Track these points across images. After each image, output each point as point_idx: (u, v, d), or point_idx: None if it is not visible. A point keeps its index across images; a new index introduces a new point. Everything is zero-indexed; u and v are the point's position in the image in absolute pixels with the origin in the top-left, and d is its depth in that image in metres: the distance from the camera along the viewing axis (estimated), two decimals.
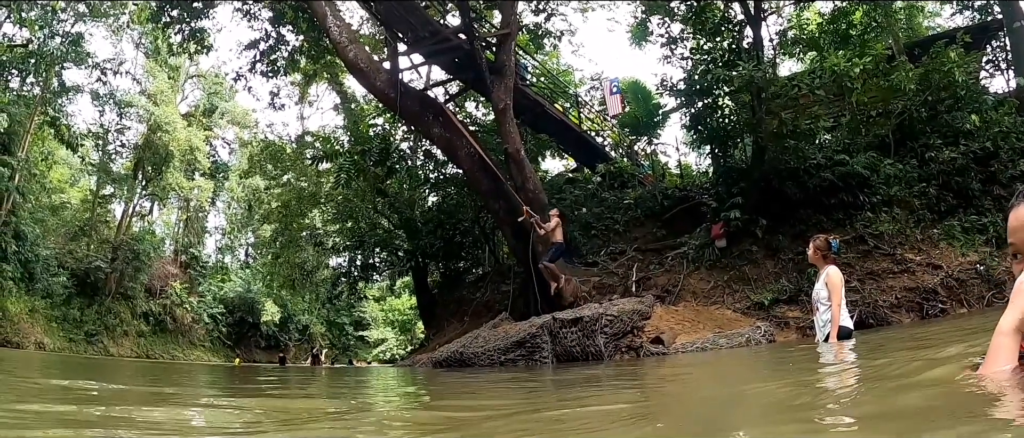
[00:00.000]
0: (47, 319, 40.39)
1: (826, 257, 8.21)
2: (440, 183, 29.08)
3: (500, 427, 3.53)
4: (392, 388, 9.75)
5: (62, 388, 7.21)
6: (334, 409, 5.30)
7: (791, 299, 15.46)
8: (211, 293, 58.28)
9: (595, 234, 22.13)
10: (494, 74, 19.10)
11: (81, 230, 49.73)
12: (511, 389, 7.39)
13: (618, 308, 12.98)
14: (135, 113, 50.68)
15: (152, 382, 10.04)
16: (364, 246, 32.97)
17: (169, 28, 26.72)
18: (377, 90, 20.57)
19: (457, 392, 7.80)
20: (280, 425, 4.00)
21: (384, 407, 5.93)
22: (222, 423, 4.24)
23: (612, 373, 9.17)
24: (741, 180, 18.57)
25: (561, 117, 26.63)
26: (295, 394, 8.31)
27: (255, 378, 13.46)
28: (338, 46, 20.00)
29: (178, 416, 4.52)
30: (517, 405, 5.28)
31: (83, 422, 3.89)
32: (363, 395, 7.82)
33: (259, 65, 27.89)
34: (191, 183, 56.34)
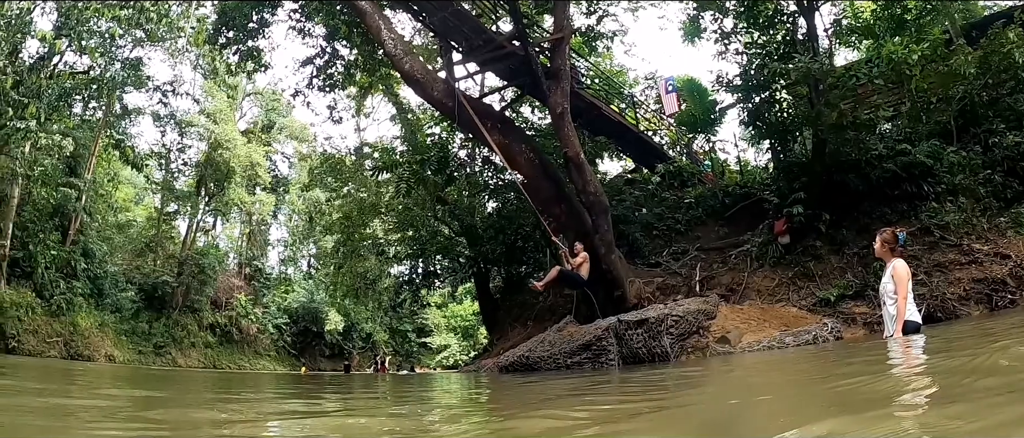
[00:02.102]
0: (116, 332, 41.12)
1: (893, 250, 8.13)
2: (499, 189, 29.15)
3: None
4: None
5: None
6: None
7: (857, 294, 15.20)
8: (275, 304, 59.03)
9: (657, 234, 22.04)
10: (550, 78, 19.05)
11: (147, 246, 51.03)
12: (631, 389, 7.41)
13: (683, 308, 12.97)
14: (196, 132, 51.88)
15: (280, 395, 10.18)
16: (425, 254, 33.18)
17: (226, 49, 27.20)
18: (434, 100, 20.65)
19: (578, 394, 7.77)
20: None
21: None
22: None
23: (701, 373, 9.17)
24: (802, 175, 18.37)
25: (618, 118, 26.62)
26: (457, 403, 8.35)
27: (372, 387, 13.56)
28: (394, 59, 20.10)
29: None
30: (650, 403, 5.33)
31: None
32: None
33: (316, 80, 28.25)
34: (253, 197, 57.18)
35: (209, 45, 28.28)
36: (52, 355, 32.91)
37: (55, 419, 5.27)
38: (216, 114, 51.75)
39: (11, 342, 30.75)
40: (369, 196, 34.03)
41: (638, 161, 30.01)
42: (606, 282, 17.85)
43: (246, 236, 63.10)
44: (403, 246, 34.92)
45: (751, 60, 19.53)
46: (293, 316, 58.91)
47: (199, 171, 52.84)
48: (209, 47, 29.14)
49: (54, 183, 33.92)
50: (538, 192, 20.35)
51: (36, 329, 33.51)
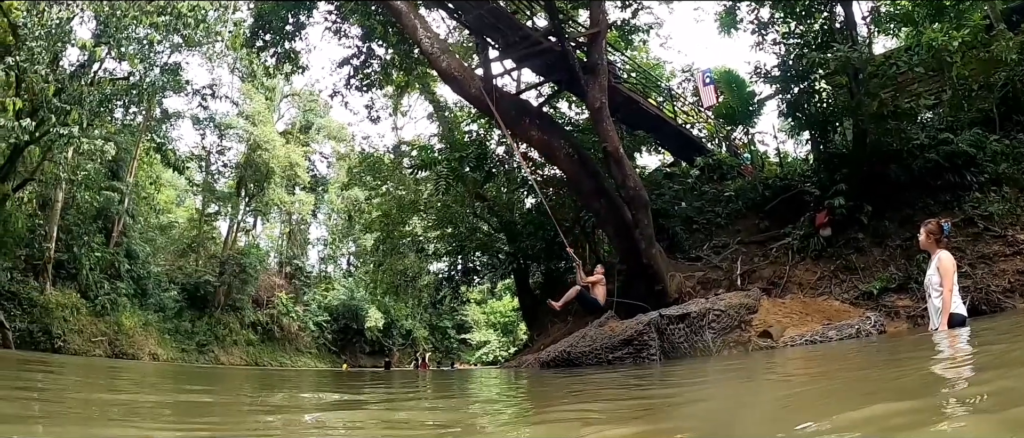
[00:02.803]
0: (160, 331, 41.94)
1: (939, 241, 8.04)
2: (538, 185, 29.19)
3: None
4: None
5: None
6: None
7: (900, 287, 15.00)
8: (316, 302, 59.54)
9: (697, 228, 21.87)
10: (587, 73, 18.98)
11: (189, 247, 52.00)
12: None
13: (725, 302, 12.92)
14: (235, 134, 52.74)
15: (323, 389, 10.25)
16: (465, 250, 33.27)
17: (263, 52, 27.46)
18: (472, 97, 20.66)
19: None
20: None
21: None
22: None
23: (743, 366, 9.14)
24: (843, 166, 18.20)
25: (656, 112, 26.50)
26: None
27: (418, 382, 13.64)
28: (431, 57, 20.15)
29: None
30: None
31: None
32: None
33: (353, 80, 28.43)
34: (292, 197, 57.73)
35: (246, 48, 28.59)
36: (97, 354, 33.53)
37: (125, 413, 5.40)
38: (254, 116, 52.41)
39: (57, 342, 31.33)
40: (408, 194, 34.15)
41: (677, 154, 29.86)
42: (647, 276, 17.83)
43: (286, 235, 63.66)
44: (442, 243, 35.03)
45: (789, 50, 19.37)
46: (333, 314, 59.38)
47: (239, 172, 53.56)
48: (246, 50, 29.47)
49: (97, 187, 34.48)
50: (578, 187, 20.37)
51: (81, 329, 34.19)
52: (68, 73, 24.87)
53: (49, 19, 21.16)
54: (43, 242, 33.82)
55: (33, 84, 22.00)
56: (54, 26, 21.41)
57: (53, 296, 33.53)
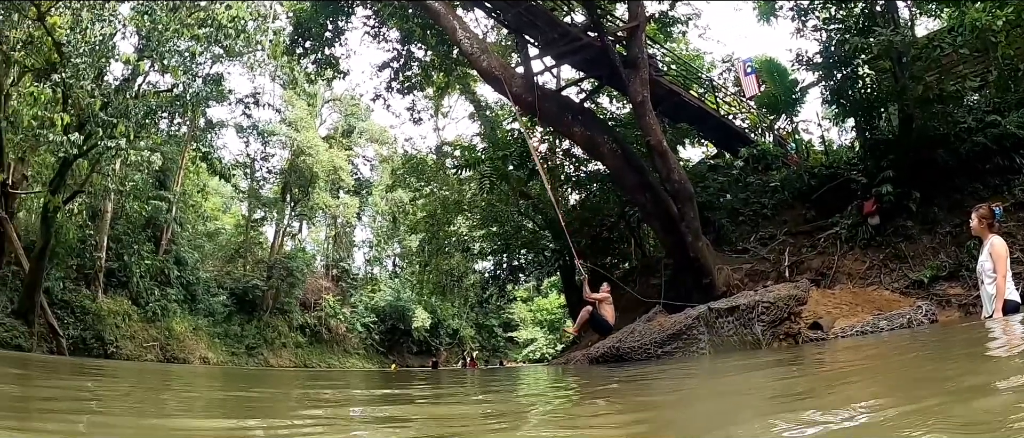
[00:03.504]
0: (210, 336, 42.75)
1: (990, 226, 7.93)
2: (582, 181, 29.12)
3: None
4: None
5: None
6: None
7: (951, 275, 14.79)
8: (363, 303, 59.91)
9: (743, 220, 21.71)
10: (628, 68, 18.86)
11: (237, 252, 52.82)
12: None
13: (773, 294, 12.82)
14: (278, 141, 53.33)
15: (374, 387, 10.35)
16: (510, 248, 33.32)
17: (304, 58, 27.72)
18: (514, 96, 20.67)
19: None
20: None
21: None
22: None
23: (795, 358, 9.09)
24: (889, 152, 17.99)
25: (698, 104, 26.32)
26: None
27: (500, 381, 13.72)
28: (471, 58, 20.18)
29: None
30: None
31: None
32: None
33: (395, 83, 28.60)
34: (336, 201, 58.23)
35: (287, 56, 28.87)
36: (149, 358, 34.24)
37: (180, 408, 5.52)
38: (297, 122, 52.93)
39: (110, 348, 31.99)
40: (452, 194, 34.25)
41: (720, 146, 29.68)
42: (694, 270, 17.74)
43: (332, 239, 64.12)
44: (488, 242, 35.10)
45: (830, 36, 19.15)
46: (380, 315, 59.72)
47: (283, 178, 54.19)
48: (287, 58, 29.77)
49: (145, 197, 34.99)
50: (622, 182, 20.30)
51: (133, 335, 34.93)
52: (113, 87, 25.27)
53: (92, 36, 21.49)
54: (94, 251, 34.56)
55: (79, 99, 22.40)
56: (97, 42, 21.75)
57: (105, 303, 34.26)
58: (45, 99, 21.83)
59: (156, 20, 22.79)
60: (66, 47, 21.54)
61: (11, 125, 25.45)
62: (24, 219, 30.94)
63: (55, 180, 24.90)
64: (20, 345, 24.16)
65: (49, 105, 21.95)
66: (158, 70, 25.70)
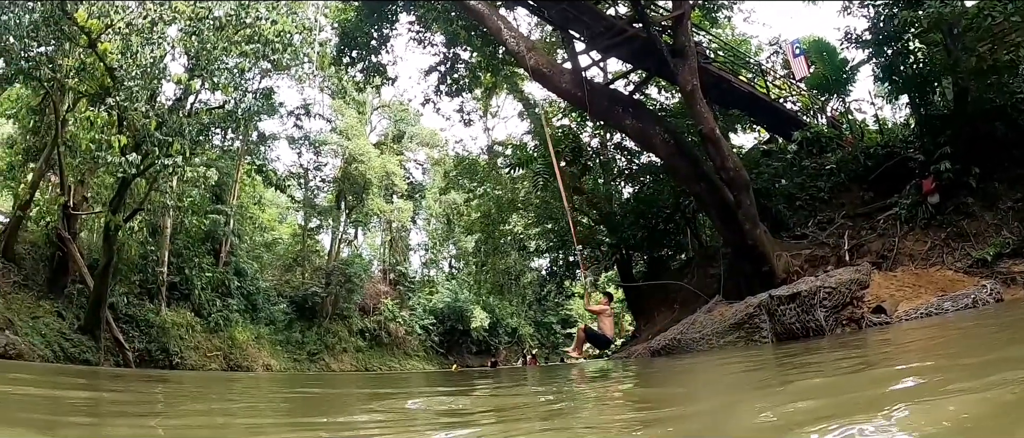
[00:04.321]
0: (272, 343, 43.36)
1: None
2: (634, 173, 29.04)
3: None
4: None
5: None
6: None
7: (1015, 252, 14.45)
8: (421, 306, 60.21)
9: (800, 205, 21.39)
10: (676, 57, 18.64)
11: (295, 261, 53.37)
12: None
13: (835, 280, 12.71)
14: (330, 150, 53.85)
15: (438, 385, 10.48)
16: (566, 244, 33.29)
17: (351, 67, 28.04)
18: (563, 91, 20.72)
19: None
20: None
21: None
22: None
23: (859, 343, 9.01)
24: (946, 127, 17.72)
25: (748, 89, 26.07)
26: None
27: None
28: (518, 56, 20.27)
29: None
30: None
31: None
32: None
33: (443, 86, 28.80)
34: (390, 206, 58.65)
35: (334, 66, 29.22)
36: (213, 368, 34.95)
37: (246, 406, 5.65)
38: (347, 130, 53.48)
39: (174, 358, 32.65)
40: (505, 193, 34.36)
41: (772, 130, 29.33)
42: (753, 258, 17.62)
43: (387, 243, 64.54)
44: (543, 239, 35.13)
45: (878, 11, 18.88)
46: (439, 316, 59.96)
47: (337, 186, 54.72)
48: (334, 68, 30.12)
49: (203, 211, 35.62)
50: (676, 172, 20.24)
51: (197, 345, 35.58)
52: (166, 107, 25.69)
53: (143, 59, 21.89)
54: (156, 266, 35.21)
55: (135, 121, 22.78)
56: (148, 65, 22.15)
57: (169, 316, 34.89)
58: (101, 122, 22.31)
59: (204, 40, 23.14)
60: (118, 71, 21.94)
61: (69, 149, 26.17)
62: (87, 238, 31.67)
63: (115, 200, 25.38)
64: (88, 359, 24.74)
65: (105, 128, 22.42)
66: (209, 88, 26.10)
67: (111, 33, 21.77)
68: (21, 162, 29.86)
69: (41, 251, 29.00)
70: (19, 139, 31.00)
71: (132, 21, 21.98)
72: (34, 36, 21.27)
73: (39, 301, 26.48)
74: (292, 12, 25.52)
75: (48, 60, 22.48)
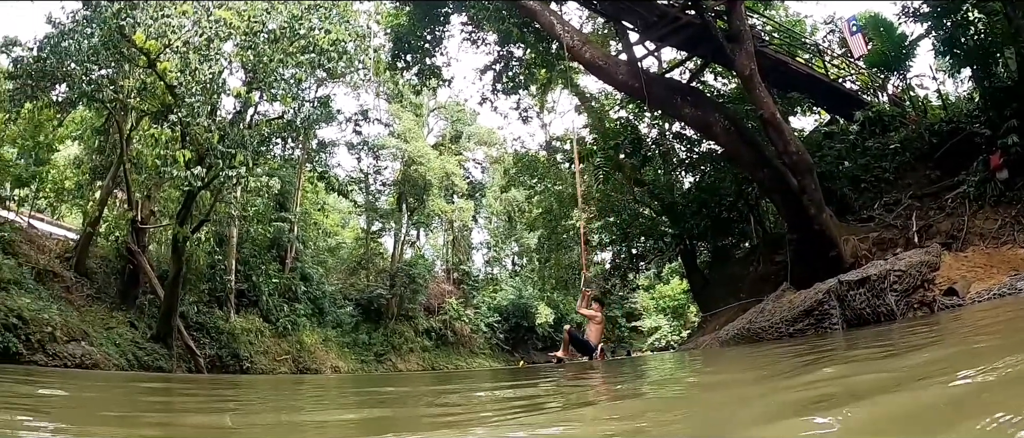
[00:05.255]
0: (339, 345, 44.38)
1: None
2: (695, 162, 28.86)
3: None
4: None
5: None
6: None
7: None
8: (485, 304, 60.54)
9: (865, 187, 20.95)
10: (731, 42, 18.45)
11: (359, 264, 54.47)
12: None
13: (904, 262, 12.51)
14: (389, 153, 54.72)
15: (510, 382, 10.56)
16: (629, 237, 33.16)
17: (406, 71, 28.32)
18: (620, 83, 20.68)
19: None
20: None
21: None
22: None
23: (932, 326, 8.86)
24: (1011, 100, 17.33)
25: (806, 70, 25.74)
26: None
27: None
28: (573, 51, 20.25)
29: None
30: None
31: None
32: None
33: (499, 85, 28.88)
34: (451, 206, 59.26)
35: (389, 71, 29.53)
36: (283, 371, 35.79)
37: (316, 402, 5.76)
38: (405, 133, 54.28)
39: (245, 363, 33.62)
40: (566, 188, 34.37)
41: (833, 112, 28.87)
42: (819, 243, 17.43)
43: (450, 243, 65.01)
44: (606, 233, 35.07)
45: None
46: (503, 313, 60.22)
47: (398, 188, 55.49)
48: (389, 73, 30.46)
49: (267, 219, 36.51)
50: (738, 159, 20.09)
51: (266, 349, 36.55)
52: (227, 120, 26.18)
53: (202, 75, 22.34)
54: (224, 275, 36.23)
55: (197, 136, 23.31)
56: (207, 81, 22.63)
57: (238, 322, 35.91)
58: (165, 139, 22.86)
59: (259, 53, 23.53)
60: (178, 89, 22.44)
61: (135, 166, 26.92)
62: (155, 251, 32.65)
63: (181, 212, 26.03)
64: (161, 366, 25.45)
65: (170, 144, 22.98)
66: (267, 99, 26.56)
67: (169, 52, 22.24)
68: (89, 181, 31.13)
69: (112, 265, 30.01)
70: (85, 159, 32.29)
71: (189, 39, 22.42)
72: (95, 60, 21.88)
73: (112, 312, 27.33)
74: (345, 20, 25.75)
75: (109, 82, 23.08)
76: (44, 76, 22.19)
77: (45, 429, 4.45)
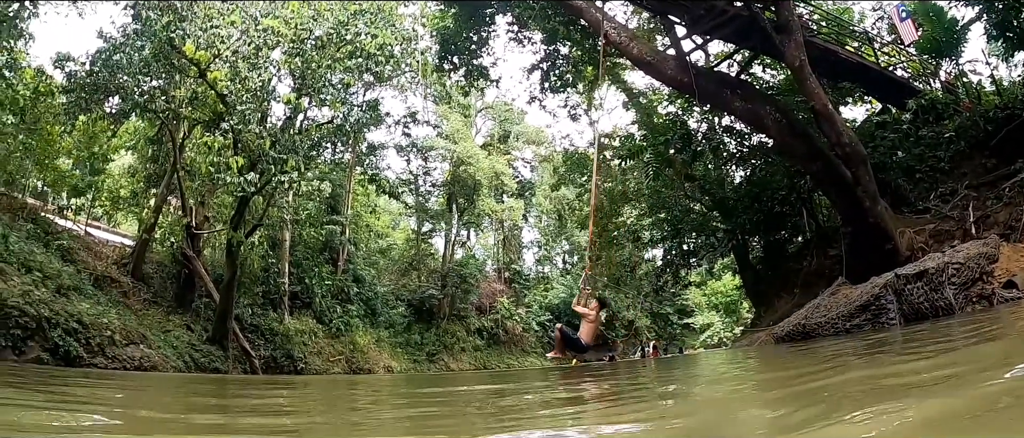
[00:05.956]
0: (392, 346, 45.10)
1: None
2: (745, 156, 28.61)
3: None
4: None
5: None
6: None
7: None
8: (536, 302, 60.77)
9: (920, 177, 20.56)
10: (780, 33, 18.23)
11: (410, 265, 55.32)
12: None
13: (962, 254, 12.30)
14: (437, 154, 55.23)
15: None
16: (680, 233, 32.98)
17: (453, 72, 28.49)
18: (668, 78, 20.60)
19: None
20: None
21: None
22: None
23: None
24: None
25: (857, 59, 25.38)
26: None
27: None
28: (621, 47, 20.22)
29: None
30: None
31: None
32: None
33: (546, 83, 28.90)
34: (501, 205, 59.58)
35: (437, 73, 29.73)
36: (336, 371, 36.42)
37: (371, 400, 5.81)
38: (454, 134, 54.70)
39: (299, 364, 34.26)
40: (616, 185, 34.25)
41: (884, 101, 28.40)
42: (874, 236, 17.20)
43: (500, 242, 65.29)
44: (657, 229, 34.90)
45: None
46: (555, 312, 60.22)
47: (447, 189, 55.91)
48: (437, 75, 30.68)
49: (319, 222, 37.11)
50: (790, 152, 19.91)
51: (320, 350, 37.27)
52: (278, 126, 26.58)
53: (252, 83, 22.71)
54: (277, 278, 36.97)
55: (249, 142, 23.69)
56: (257, 89, 23.02)
57: (292, 324, 36.65)
58: (218, 146, 23.23)
59: (307, 60, 23.82)
60: (229, 97, 22.90)
61: (188, 173, 27.48)
62: (210, 255, 33.65)
63: (235, 217, 26.57)
64: (217, 368, 26.19)
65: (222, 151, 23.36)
66: (316, 104, 26.88)
67: (219, 62, 22.63)
68: (143, 189, 31.98)
69: (168, 269, 31.00)
70: (139, 168, 33.24)
71: (237, 49, 22.78)
72: (146, 72, 22.48)
73: (169, 316, 28.13)
74: (390, 24, 25.95)
75: (161, 93, 23.73)
76: (97, 89, 22.84)
77: (105, 427, 4.59)
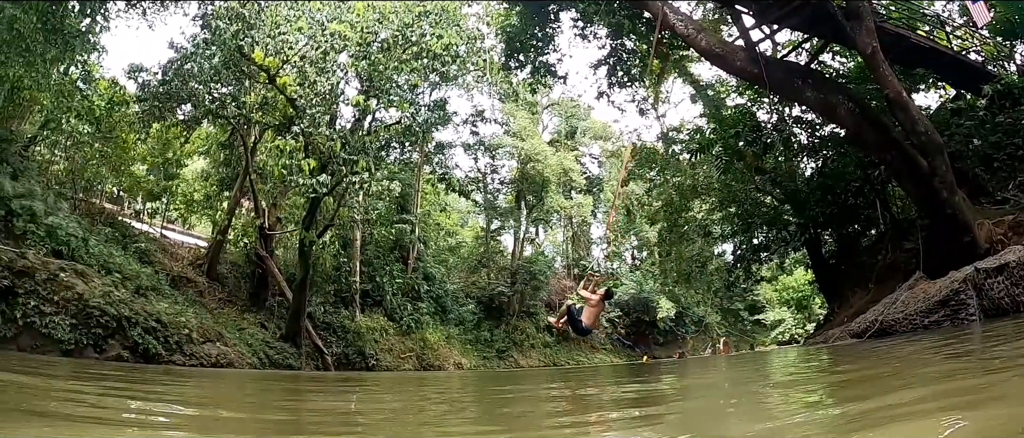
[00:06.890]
0: (462, 343, 45.70)
1: None
2: (816, 147, 28.14)
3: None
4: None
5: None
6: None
7: None
8: None
9: (998, 166, 19.88)
10: (850, 20, 17.92)
11: (479, 263, 56.11)
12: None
13: None
14: (505, 152, 55.40)
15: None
16: (750, 227, 32.59)
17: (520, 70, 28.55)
18: (737, 69, 20.38)
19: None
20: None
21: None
22: None
23: None
24: None
25: (929, 44, 24.74)
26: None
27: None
28: (688, 39, 20.11)
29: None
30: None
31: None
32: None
33: (613, 78, 28.78)
34: (570, 202, 59.71)
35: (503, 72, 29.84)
36: (407, 368, 37.04)
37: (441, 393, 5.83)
38: (521, 132, 54.85)
39: (370, 361, 34.82)
40: (685, 179, 33.93)
41: (958, 87, 27.66)
42: (952, 228, 16.78)
43: (569, 239, 65.30)
44: (727, 223, 34.54)
45: None
46: (624, 308, 60.30)
47: (515, 187, 56.15)
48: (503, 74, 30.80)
49: (389, 222, 37.52)
50: (863, 142, 19.57)
51: (391, 347, 37.95)
52: (347, 128, 26.96)
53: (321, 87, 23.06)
54: (349, 276, 37.83)
55: (320, 144, 24.11)
56: (325, 92, 23.37)
57: (363, 322, 37.36)
58: (289, 149, 23.70)
59: (374, 62, 24.10)
60: (299, 101, 23.31)
61: (260, 176, 28.11)
62: (282, 255, 34.45)
63: (307, 218, 27.32)
64: (291, 365, 26.83)
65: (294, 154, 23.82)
66: (384, 106, 27.21)
67: (287, 67, 23.01)
68: (216, 192, 32.84)
69: (242, 269, 31.96)
70: (212, 172, 34.22)
71: (305, 54, 23.13)
72: (217, 79, 23.09)
73: (243, 314, 28.94)
74: (455, 24, 26.12)
75: (232, 99, 24.26)
76: (169, 98, 23.50)
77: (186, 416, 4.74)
